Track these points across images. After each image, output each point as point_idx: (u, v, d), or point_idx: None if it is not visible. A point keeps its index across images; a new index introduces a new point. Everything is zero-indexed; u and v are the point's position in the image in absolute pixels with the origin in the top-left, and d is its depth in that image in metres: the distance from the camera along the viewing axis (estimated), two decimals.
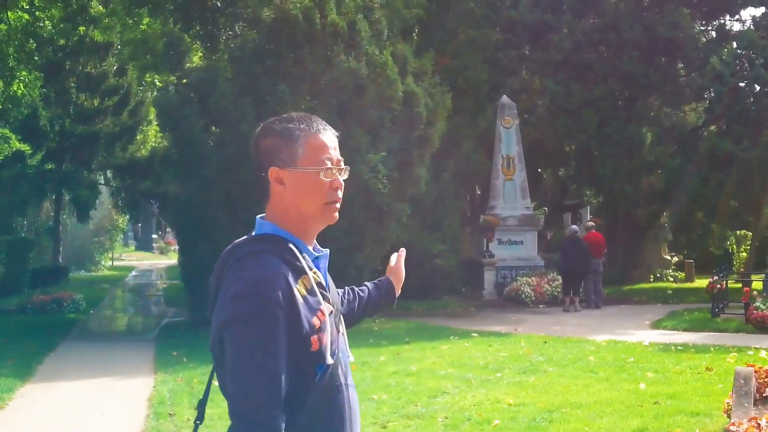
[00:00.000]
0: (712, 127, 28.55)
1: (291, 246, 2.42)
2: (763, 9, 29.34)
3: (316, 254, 2.53)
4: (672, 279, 30.69)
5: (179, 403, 10.30)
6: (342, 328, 2.59)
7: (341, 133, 2.49)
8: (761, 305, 16.86)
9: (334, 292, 2.63)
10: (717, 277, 18.71)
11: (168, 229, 59.64)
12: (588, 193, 34.28)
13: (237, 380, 2.26)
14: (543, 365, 12.15)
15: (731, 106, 26.05)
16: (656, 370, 11.66)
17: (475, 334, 16.00)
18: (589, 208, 35.66)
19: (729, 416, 7.14)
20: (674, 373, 11.44)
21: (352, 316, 2.99)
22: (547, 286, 22.47)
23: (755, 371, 7.71)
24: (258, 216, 2.54)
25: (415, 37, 25.70)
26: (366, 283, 3.17)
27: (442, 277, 23.16)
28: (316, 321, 2.35)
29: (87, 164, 34.17)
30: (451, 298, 23.06)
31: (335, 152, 2.52)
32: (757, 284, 20.72)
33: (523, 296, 22.29)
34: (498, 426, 8.38)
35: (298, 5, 18.21)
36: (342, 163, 2.53)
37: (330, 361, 2.38)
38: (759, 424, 6.14)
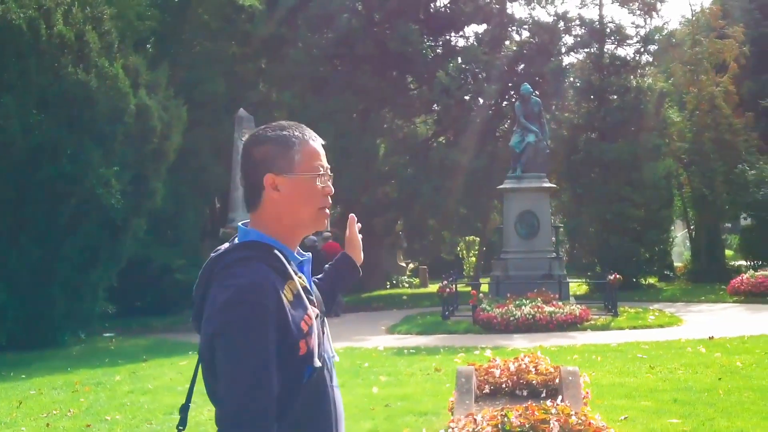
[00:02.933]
0: (441, 138, 29.85)
1: (277, 252, 2.40)
2: (485, 26, 31.04)
3: (300, 259, 2.52)
4: (407, 285, 31.78)
5: None
6: (326, 329, 2.58)
7: (72, 148, 2.49)
8: (487, 307, 17.86)
9: (318, 295, 2.61)
10: (446, 281, 19.58)
11: None
12: None
13: (230, 387, 2.24)
14: None
15: (458, 117, 27.38)
16: (389, 373, 12.09)
17: None
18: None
19: (453, 414, 7.51)
20: (406, 375, 11.91)
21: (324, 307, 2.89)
22: None
23: (475, 369, 8.12)
24: (240, 223, 2.52)
25: (150, 50, 25.29)
26: (326, 266, 3.13)
27: (182, 291, 22.83)
28: (303, 325, 2.34)
29: None
30: (191, 313, 22.75)
31: (325, 160, 2.55)
32: (485, 287, 21.89)
33: None
34: None
35: (22, 15, 17.45)
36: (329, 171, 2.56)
37: (318, 364, 2.37)
38: (475, 419, 6.50)
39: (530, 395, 7.71)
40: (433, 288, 27.81)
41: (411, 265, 35.54)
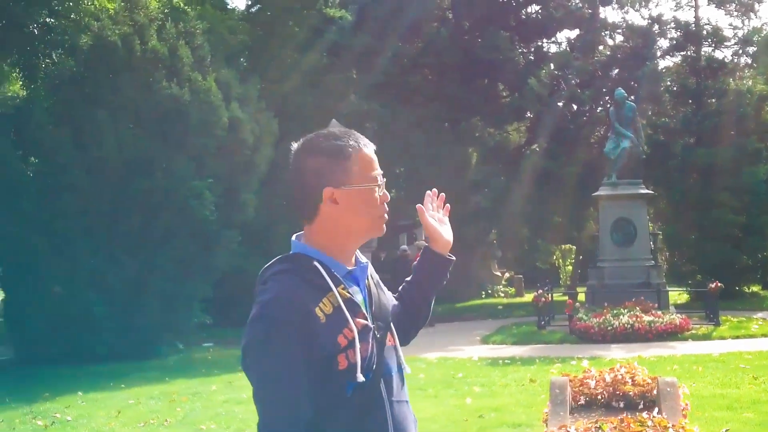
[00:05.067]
0: (534, 146, 29.53)
1: (315, 264, 2.37)
2: (577, 31, 30.66)
3: (349, 268, 2.46)
4: (502, 294, 31.48)
5: None
6: (393, 340, 2.51)
7: (165, 162, 2.41)
8: (583, 316, 17.51)
9: (384, 304, 2.53)
10: (541, 291, 19.28)
11: None
12: None
13: (257, 404, 2.28)
14: None
15: (551, 125, 27.05)
16: (483, 384, 11.92)
17: None
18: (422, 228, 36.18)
19: (547, 425, 7.33)
20: (500, 386, 11.72)
21: (410, 314, 2.72)
22: None
23: (570, 380, 7.92)
24: (294, 235, 2.51)
25: (244, 63, 25.57)
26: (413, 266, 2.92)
27: None
28: (342, 339, 2.30)
29: None
30: None
31: (378, 166, 2.50)
32: (582, 296, 21.50)
33: None
34: None
35: (117, 32, 17.84)
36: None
37: (360, 379, 2.30)
38: (568, 431, 6.32)
39: (626, 407, 7.47)
40: (528, 297, 27.49)
41: (506, 275, 35.20)
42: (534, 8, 31.54)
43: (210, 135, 18.36)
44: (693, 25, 28.50)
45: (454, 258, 2.83)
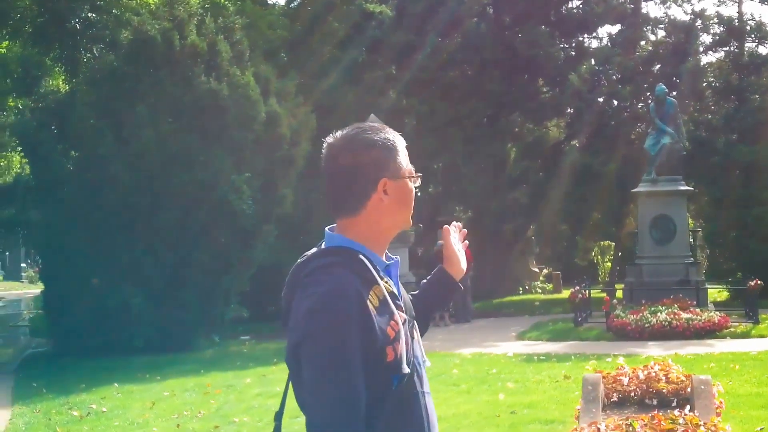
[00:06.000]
0: (574, 142, 29.35)
1: (361, 257, 2.39)
2: (618, 26, 30.42)
3: (387, 262, 2.50)
4: (540, 291, 31.34)
5: None
6: (416, 334, 2.54)
7: (204, 156, 2.43)
8: (621, 313, 17.38)
9: (407, 299, 2.58)
10: (578, 287, 19.16)
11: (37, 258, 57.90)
12: (457, 209, 34.78)
13: (317, 397, 2.25)
14: None
15: (590, 121, 26.87)
16: (516, 380, 11.87)
17: None
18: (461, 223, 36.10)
19: (578, 422, 7.30)
20: (534, 382, 11.67)
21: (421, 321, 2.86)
22: None
23: (603, 377, 7.89)
24: (327, 227, 2.52)
25: (284, 58, 25.68)
26: (422, 282, 3.03)
27: None
28: (390, 331, 2.32)
29: None
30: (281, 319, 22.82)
31: None
32: (620, 293, 21.35)
33: None
34: None
35: (157, 27, 17.99)
36: None
37: (406, 370, 2.34)
38: (599, 429, 6.29)
39: (660, 404, 7.41)
40: (566, 294, 27.35)
41: (544, 271, 35.06)
42: (575, 3, 31.30)
43: (248, 129, 18.48)
44: (736, 20, 28.14)
45: (462, 287, 2.95)
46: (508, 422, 8.99)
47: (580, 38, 31.55)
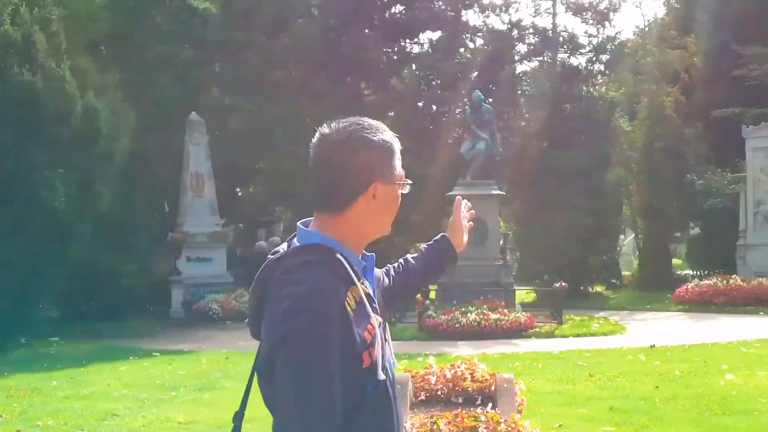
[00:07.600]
0: None
1: (338, 256, 2.24)
2: (440, 33, 31.14)
3: (364, 263, 2.38)
4: None
5: None
6: (388, 335, 2.39)
7: (17, 150, 2.37)
8: (433, 313, 17.89)
9: (380, 301, 2.43)
10: None
11: None
12: (278, 209, 34.75)
13: (292, 405, 2.07)
14: (221, 381, 12.23)
15: (411, 124, 27.41)
16: None
17: (157, 353, 15.86)
18: (282, 224, 36.04)
19: None
20: None
21: (407, 288, 2.86)
22: (235, 302, 22.43)
23: (411, 376, 8.11)
24: (299, 222, 2.38)
25: (104, 52, 25.04)
26: (423, 246, 2.98)
27: (130, 297, 22.61)
28: (367, 335, 2.18)
29: None
30: (138, 319, 22.46)
31: None
32: (434, 294, 21.88)
33: (211, 313, 22.23)
34: None
35: None
36: None
37: (381, 377, 2.21)
38: (405, 427, 6.49)
39: (465, 403, 7.66)
40: None
41: None
42: (398, 8, 31.81)
43: (65, 124, 17.96)
44: (550, 31, 29.34)
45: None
46: None
47: (403, 43, 32.09)
